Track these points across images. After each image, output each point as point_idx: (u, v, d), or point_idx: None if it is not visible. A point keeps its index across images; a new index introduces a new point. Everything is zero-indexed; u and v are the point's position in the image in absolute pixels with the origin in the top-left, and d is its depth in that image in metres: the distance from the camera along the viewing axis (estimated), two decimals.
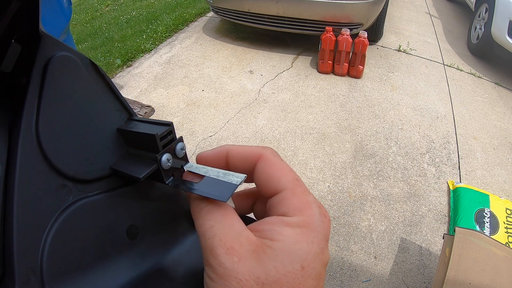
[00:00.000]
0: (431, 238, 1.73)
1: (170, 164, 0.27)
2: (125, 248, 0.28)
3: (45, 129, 0.24)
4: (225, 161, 0.26)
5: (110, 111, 0.29)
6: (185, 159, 0.29)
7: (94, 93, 0.28)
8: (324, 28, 2.82)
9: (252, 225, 0.23)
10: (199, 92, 2.80)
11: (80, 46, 3.63)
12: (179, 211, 0.33)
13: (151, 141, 0.26)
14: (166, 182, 0.27)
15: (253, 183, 0.26)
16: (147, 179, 0.27)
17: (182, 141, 0.29)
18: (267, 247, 0.20)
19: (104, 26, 4.09)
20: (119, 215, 0.28)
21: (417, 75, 3.03)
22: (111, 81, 0.29)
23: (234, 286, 0.19)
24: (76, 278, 0.24)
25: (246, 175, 0.24)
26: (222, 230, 0.21)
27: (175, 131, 0.28)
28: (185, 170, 0.28)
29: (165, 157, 0.27)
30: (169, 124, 0.28)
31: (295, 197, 0.22)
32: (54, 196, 0.24)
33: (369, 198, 1.94)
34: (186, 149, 0.30)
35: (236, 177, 0.24)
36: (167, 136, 0.27)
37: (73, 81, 0.26)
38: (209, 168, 0.26)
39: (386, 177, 2.07)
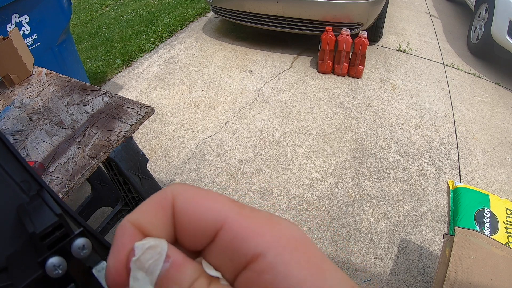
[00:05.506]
0: (431, 238, 1.74)
1: (60, 272, 0.20)
2: None
3: None
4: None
5: (10, 185, 0.23)
6: (94, 257, 0.21)
7: None
8: (324, 28, 2.82)
9: None
10: (199, 92, 2.80)
11: (80, 46, 3.63)
12: None
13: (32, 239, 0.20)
14: None
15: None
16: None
17: (85, 236, 0.21)
18: None
19: (104, 26, 4.09)
20: None
21: (417, 75, 3.03)
22: (13, 145, 0.24)
23: None
24: None
25: None
26: None
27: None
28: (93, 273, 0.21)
29: (52, 262, 0.20)
30: (58, 215, 0.21)
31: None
32: None
33: (369, 198, 1.94)
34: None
35: None
36: (54, 232, 0.20)
37: None
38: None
39: (386, 177, 2.07)
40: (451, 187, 1.99)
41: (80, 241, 0.21)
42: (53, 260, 0.20)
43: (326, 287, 0.14)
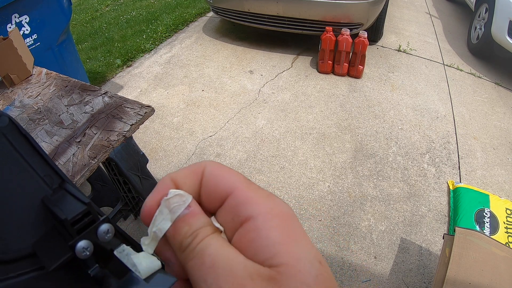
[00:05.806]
0: (431, 238, 1.74)
1: (88, 254, 0.23)
2: None
3: None
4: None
5: (34, 178, 0.25)
6: (115, 241, 0.24)
7: (11, 158, 0.24)
8: (324, 28, 2.82)
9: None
10: (199, 92, 2.80)
11: (80, 46, 3.63)
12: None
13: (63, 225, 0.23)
14: (89, 272, 0.23)
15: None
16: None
17: (108, 222, 0.24)
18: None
19: (104, 26, 4.09)
20: None
21: (417, 75, 3.03)
22: (36, 142, 0.25)
23: None
24: None
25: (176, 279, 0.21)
26: (226, 267, 0.18)
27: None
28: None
29: (81, 245, 0.23)
30: (86, 203, 0.24)
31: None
32: None
33: (369, 198, 1.94)
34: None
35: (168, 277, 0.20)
36: (83, 219, 0.23)
37: None
38: (142, 256, 0.21)
39: (386, 177, 2.07)
40: (451, 187, 1.99)
41: (105, 226, 0.24)
42: (82, 243, 0.23)
43: (296, 252, 0.18)
